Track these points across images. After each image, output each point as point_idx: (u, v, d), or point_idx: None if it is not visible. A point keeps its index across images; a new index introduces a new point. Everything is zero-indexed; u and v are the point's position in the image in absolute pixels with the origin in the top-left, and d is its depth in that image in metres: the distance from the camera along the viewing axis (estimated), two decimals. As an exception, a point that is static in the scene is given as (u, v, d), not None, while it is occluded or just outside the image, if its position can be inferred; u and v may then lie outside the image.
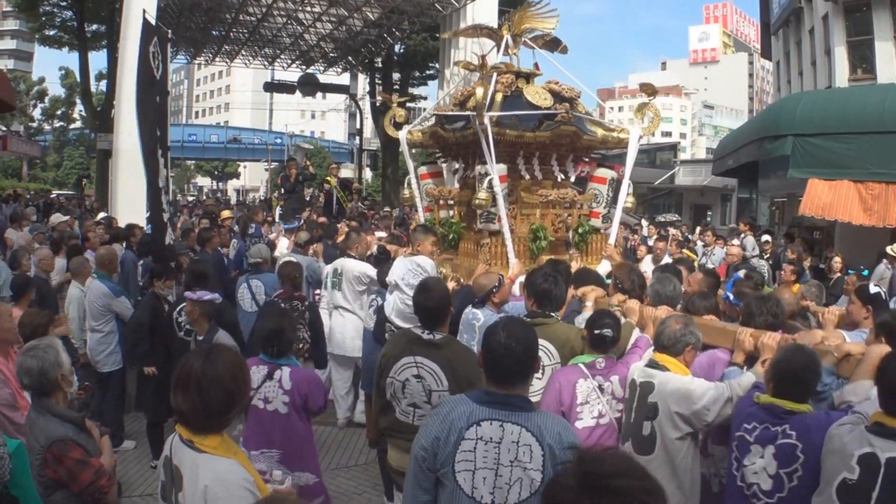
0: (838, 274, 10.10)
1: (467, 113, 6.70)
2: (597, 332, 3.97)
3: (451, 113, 7.33)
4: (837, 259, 10.69)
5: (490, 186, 6.40)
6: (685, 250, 12.12)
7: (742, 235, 13.32)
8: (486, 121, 6.27)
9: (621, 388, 3.97)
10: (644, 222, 22.21)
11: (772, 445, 3.14)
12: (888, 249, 10.74)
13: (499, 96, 6.83)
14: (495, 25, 8.51)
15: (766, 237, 12.79)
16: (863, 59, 16.89)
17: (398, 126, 8.06)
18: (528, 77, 7.31)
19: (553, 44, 7.79)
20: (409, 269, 5.93)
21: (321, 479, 4.57)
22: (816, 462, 3.00)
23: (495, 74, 6.95)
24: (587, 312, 4.84)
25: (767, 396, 3.24)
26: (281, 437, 4.26)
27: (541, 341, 3.96)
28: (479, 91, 6.34)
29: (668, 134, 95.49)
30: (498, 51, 7.50)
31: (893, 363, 2.82)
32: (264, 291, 7.35)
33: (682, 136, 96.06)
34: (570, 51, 7.97)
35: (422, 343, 3.95)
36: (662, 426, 3.58)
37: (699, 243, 14.80)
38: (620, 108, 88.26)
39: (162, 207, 8.40)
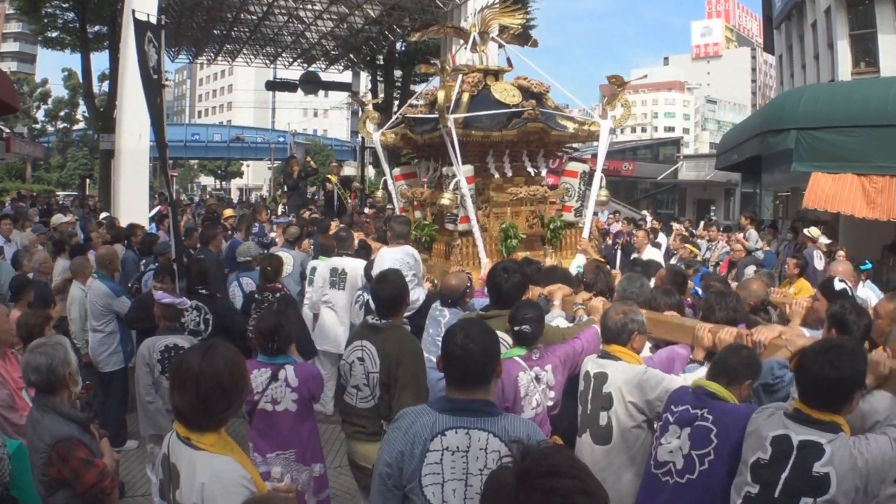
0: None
1: (432, 116, 6.66)
2: (516, 328, 3.95)
3: (417, 115, 7.32)
4: (841, 253, 10.66)
5: (456, 188, 6.39)
6: (688, 245, 12.10)
7: (745, 231, 13.28)
8: (450, 123, 6.24)
9: (553, 377, 3.97)
10: (648, 217, 22.16)
11: (688, 427, 3.17)
12: (805, 231, 10.95)
13: (465, 96, 6.81)
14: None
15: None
16: (866, 52, 16.82)
17: (375, 127, 8.06)
18: (497, 74, 7.26)
19: (523, 38, 7.77)
20: (398, 258, 5.95)
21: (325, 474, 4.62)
22: (730, 450, 3.03)
23: (461, 76, 6.89)
24: (555, 311, 4.88)
25: (697, 380, 3.29)
26: (295, 436, 4.27)
27: (501, 334, 3.95)
28: (441, 94, 6.29)
29: (671, 129, 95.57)
30: (466, 49, 7.50)
31: (810, 357, 2.85)
32: (255, 287, 7.31)
33: (685, 131, 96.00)
34: (573, 47, 8.03)
35: (368, 328, 4.23)
36: (618, 416, 3.59)
37: (702, 239, 14.77)
38: (623, 105, 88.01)
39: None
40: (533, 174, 7.13)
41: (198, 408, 2.48)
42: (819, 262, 11.33)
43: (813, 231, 11.24)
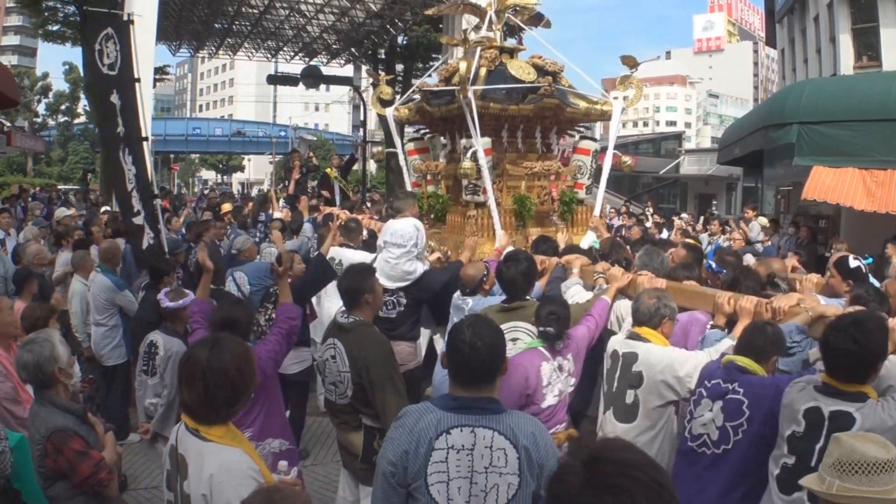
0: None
1: (451, 88, 6.74)
2: (541, 329, 4.02)
3: (436, 88, 7.39)
4: (843, 246, 10.64)
5: (474, 157, 6.45)
6: (689, 240, 12.09)
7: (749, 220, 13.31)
8: (470, 94, 6.30)
9: (573, 364, 4.07)
10: (648, 212, 22.13)
11: (720, 400, 3.32)
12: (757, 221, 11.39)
13: (483, 71, 6.87)
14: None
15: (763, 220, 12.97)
16: (868, 46, 16.76)
17: (385, 103, 8.13)
18: (512, 52, 7.36)
19: (536, 19, 7.82)
20: (400, 228, 5.89)
21: (294, 448, 4.51)
22: (761, 420, 3.19)
23: (479, 49, 6.96)
24: (573, 279, 5.03)
25: (728, 356, 3.44)
26: (251, 416, 4.14)
27: (523, 324, 4.26)
28: (463, 65, 6.35)
29: (673, 123, 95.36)
30: (482, 26, 7.54)
31: (833, 332, 2.97)
32: (248, 282, 7.27)
33: (687, 125, 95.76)
34: (575, 41, 8.08)
35: (337, 326, 4.15)
36: (645, 394, 3.70)
37: (704, 234, 14.75)
38: (625, 98, 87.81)
39: (134, 210, 7.30)
40: (544, 150, 7.23)
41: (205, 402, 2.50)
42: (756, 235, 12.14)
43: (761, 220, 12.12)
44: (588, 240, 6.74)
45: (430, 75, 8.68)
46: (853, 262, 4.59)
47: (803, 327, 3.62)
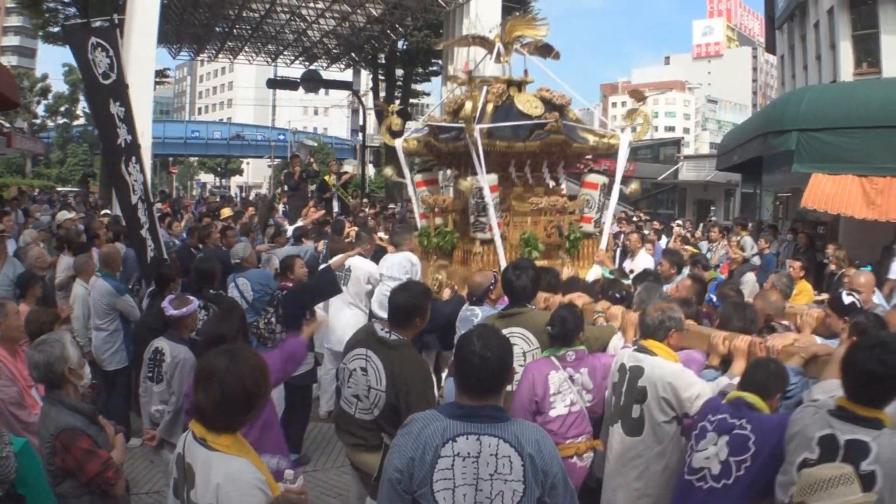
0: (843, 270, 10.07)
1: (457, 125, 6.79)
2: (546, 327, 4.22)
3: (442, 124, 7.45)
4: (842, 254, 10.66)
5: (480, 195, 6.52)
6: (688, 247, 12.13)
7: (739, 237, 13.37)
8: (476, 134, 6.36)
9: (590, 380, 4.14)
10: (642, 218, 22.14)
11: (727, 435, 3.29)
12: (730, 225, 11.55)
13: (489, 107, 6.92)
14: (498, 22, 8.59)
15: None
16: (868, 52, 16.82)
17: (394, 134, 8.15)
18: (520, 85, 7.37)
19: (545, 50, 7.85)
20: (397, 262, 6.18)
21: (293, 463, 4.48)
22: (766, 456, 3.15)
23: (486, 87, 7.01)
24: None
25: (735, 392, 3.41)
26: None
27: (519, 329, 4.41)
28: (468, 105, 6.41)
29: (672, 129, 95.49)
30: (490, 59, 7.59)
31: (858, 353, 2.90)
32: (251, 288, 7.27)
33: (686, 131, 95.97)
34: (574, 46, 8.29)
35: (376, 338, 4.00)
36: (651, 409, 3.71)
37: (704, 241, 14.79)
38: (623, 104, 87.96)
39: (140, 223, 7.34)
40: (552, 185, 7.27)
41: (220, 409, 2.53)
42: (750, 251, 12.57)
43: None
44: (593, 274, 6.78)
45: (436, 108, 8.73)
46: (847, 299, 4.62)
47: (799, 369, 3.63)
